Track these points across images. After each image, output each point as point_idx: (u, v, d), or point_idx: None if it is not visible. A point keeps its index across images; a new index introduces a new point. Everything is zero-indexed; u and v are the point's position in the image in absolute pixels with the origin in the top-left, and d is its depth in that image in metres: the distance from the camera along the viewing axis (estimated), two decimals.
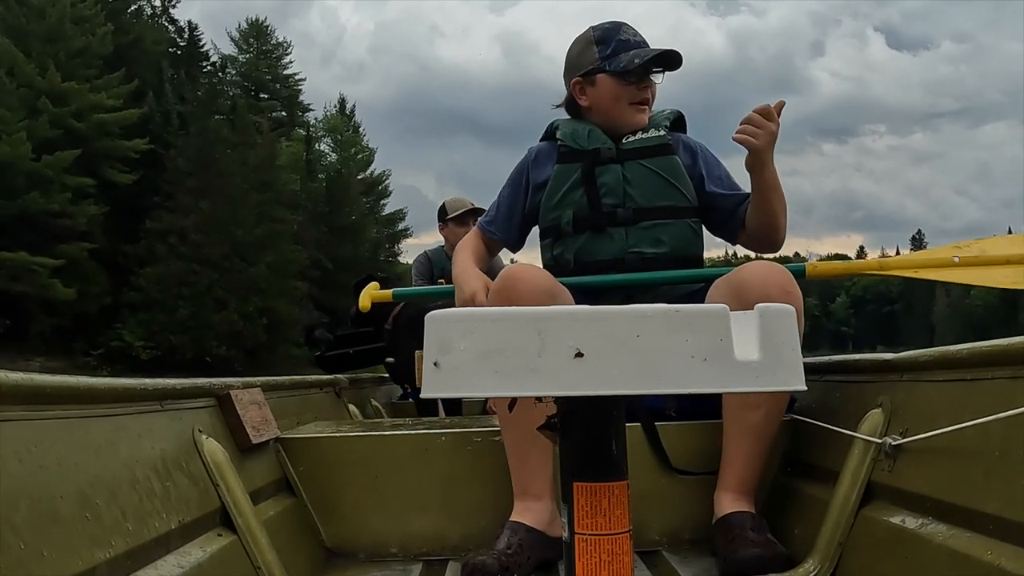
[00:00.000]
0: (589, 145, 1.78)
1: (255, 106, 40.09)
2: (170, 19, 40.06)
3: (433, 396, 0.59)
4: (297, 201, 36.09)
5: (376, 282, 2.36)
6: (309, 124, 45.64)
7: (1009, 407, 0.88)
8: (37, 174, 25.95)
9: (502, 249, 2.00)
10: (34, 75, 27.19)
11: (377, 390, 3.39)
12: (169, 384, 1.20)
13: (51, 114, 27.09)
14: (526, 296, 1.45)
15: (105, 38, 30.29)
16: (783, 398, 1.45)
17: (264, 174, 33.08)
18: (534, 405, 0.68)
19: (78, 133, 27.91)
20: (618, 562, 0.64)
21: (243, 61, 44.59)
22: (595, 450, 0.66)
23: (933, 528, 1.00)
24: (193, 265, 29.31)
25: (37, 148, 25.91)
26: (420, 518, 1.56)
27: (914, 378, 1.18)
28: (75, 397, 0.92)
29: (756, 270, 1.43)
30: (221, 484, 1.22)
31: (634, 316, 0.59)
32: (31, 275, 25.31)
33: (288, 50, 46.35)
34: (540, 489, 1.45)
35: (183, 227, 29.54)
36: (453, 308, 0.63)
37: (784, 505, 1.49)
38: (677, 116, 1.87)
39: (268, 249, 31.27)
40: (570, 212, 1.76)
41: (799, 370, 0.60)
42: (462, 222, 3.62)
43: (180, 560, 1.02)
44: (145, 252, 29.63)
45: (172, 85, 34.27)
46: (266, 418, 1.53)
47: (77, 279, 26.69)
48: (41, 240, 25.99)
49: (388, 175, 47.64)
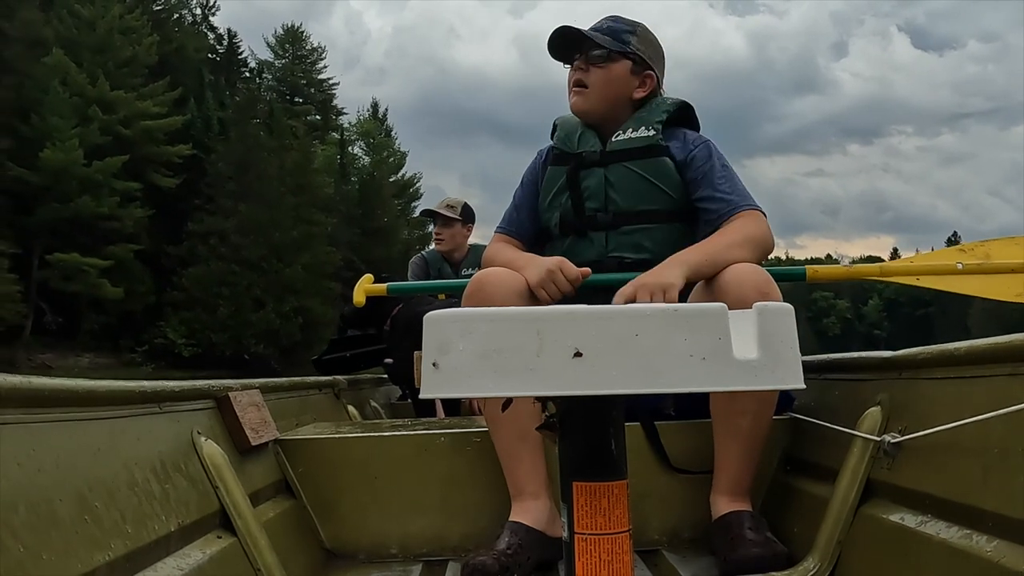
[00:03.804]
0: (577, 147, 1.75)
1: (290, 110, 41.61)
2: (210, 26, 41.97)
3: (432, 396, 0.59)
4: (331, 204, 37.35)
5: (370, 275, 2.33)
6: (342, 128, 46.78)
7: (1008, 404, 0.88)
8: (88, 179, 27.52)
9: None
10: (85, 84, 28.80)
11: (376, 391, 3.38)
12: (168, 386, 1.20)
13: (101, 121, 28.71)
14: (497, 298, 1.44)
15: (151, 47, 32.05)
16: (771, 400, 1.43)
17: (300, 177, 34.32)
18: (534, 404, 0.68)
19: (125, 139, 29.59)
20: (618, 561, 0.64)
21: (279, 66, 45.91)
22: (594, 450, 0.66)
23: (932, 526, 1.00)
24: (233, 266, 30.56)
25: (88, 154, 27.47)
26: (420, 519, 1.56)
27: (913, 376, 1.18)
28: (74, 400, 0.92)
29: (734, 272, 1.41)
30: (220, 486, 1.22)
31: (633, 315, 0.59)
32: (82, 275, 26.89)
33: (322, 55, 47.66)
34: (536, 488, 1.45)
35: (223, 229, 30.81)
36: (452, 308, 0.63)
37: (783, 503, 1.49)
38: (677, 109, 1.74)
39: (304, 250, 32.45)
40: (557, 215, 1.74)
41: (798, 368, 0.60)
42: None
43: (179, 562, 1.02)
44: (187, 253, 30.92)
45: (212, 91, 35.70)
46: (265, 420, 1.53)
47: (124, 279, 28.25)
48: (91, 242, 27.57)
49: (419, 178, 48.96)
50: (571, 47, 1.76)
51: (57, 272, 26.72)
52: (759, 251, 1.53)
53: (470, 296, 1.48)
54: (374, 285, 2.25)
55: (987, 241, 1.98)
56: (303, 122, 41.34)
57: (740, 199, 1.63)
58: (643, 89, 1.76)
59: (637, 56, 1.74)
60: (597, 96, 1.73)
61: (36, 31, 27.68)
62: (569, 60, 1.78)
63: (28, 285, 26.12)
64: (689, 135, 1.73)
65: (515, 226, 1.82)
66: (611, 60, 1.72)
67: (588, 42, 1.73)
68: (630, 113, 1.76)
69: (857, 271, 2.06)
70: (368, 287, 2.23)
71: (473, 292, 1.48)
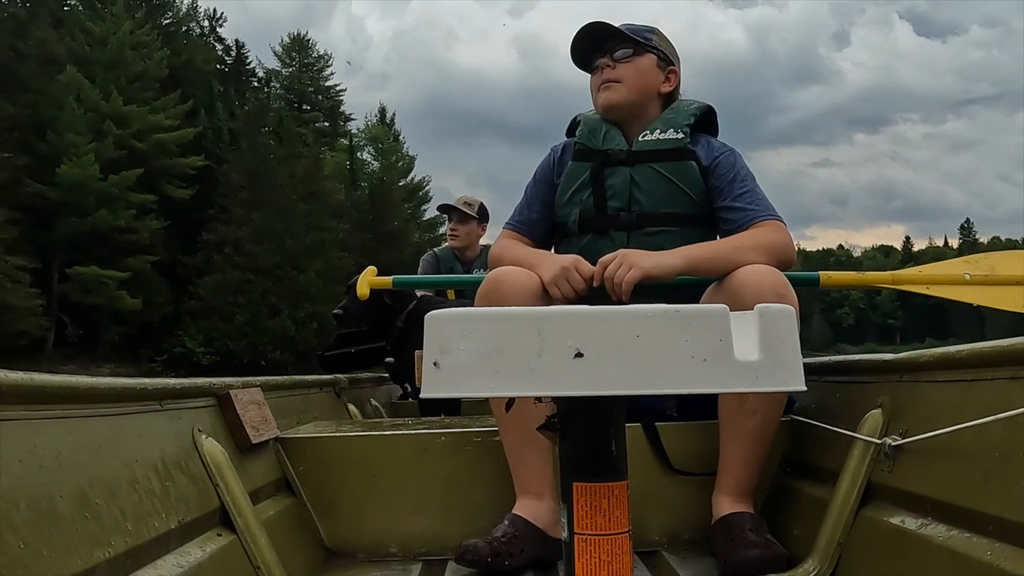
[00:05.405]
0: (602, 145, 1.73)
1: (299, 118, 42.05)
2: (217, 38, 42.45)
3: (433, 396, 0.59)
4: (342, 210, 37.85)
5: (373, 267, 2.31)
6: (351, 134, 47.21)
7: (1008, 407, 0.88)
8: (104, 193, 28.15)
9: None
10: (99, 100, 29.39)
11: (377, 390, 3.38)
12: (169, 384, 1.20)
13: (115, 136, 29.31)
14: (511, 299, 1.44)
15: (161, 61, 32.63)
16: (779, 402, 1.44)
17: (311, 184, 34.78)
18: (534, 405, 0.68)
19: (139, 153, 30.15)
20: (618, 562, 0.64)
21: (286, 75, 46.21)
22: (595, 450, 0.66)
23: (933, 529, 1.00)
24: (247, 274, 31.06)
25: (103, 168, 28.09)
26: (420, 518, 1.56)
27: (914, 379, 1.18)
28: (75, 397, 0.92)
29: (750, 274, 1.40)
30: (221, 484, 1.22)
31: (634, 316, 0.59)
32: (101, 287, 27.53)
33: (329, 62, 47.89)
34: (540, 489, 1.45)
35: (237, 238, 31.28)
36: (456, 308, 0.63)
37: (784, 505, 1.49)
38: (703, 113, 1.75)
39: (317, 257, 32.85)
40: (577, 211, 1.71)
41: (799, 370, 0.60)
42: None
43: (180, 560, 1.02)
44: (203, 263, 31.39)
45: (222, 102, 36.27)
46: (266, 418, 1.53)
47: (142, 290, 28.88)
48: (109, 254, 28.20)
49: (428, 181, 48.99)
50: (592, 50, 1.77)
51: (77, 285, 27.29)
52: (775, 258, 1.51)
53: (484, 296, 1.47)
54: (378, 278, 2.23)
55: (992, 254, 2.04)
56: (312, 129, 41.80)
57: (760, 209, 1.62)
58: (669, 84, 1.78)
59: (660, 51, 1.77)
60: (629, 89, 1.73)
61: (49, 49, 28.19)
62: (588, 67, 1.79)
63: (49, 299, 26.62)
64: (714, 142, 1.73)
65: (525, 223, 1.80)
66: (637, 55, 1.74)
67: (612, 41, 1.74)
68: (657, 110, 1.77)
69: (870, 278, 2.10)
70: (372, 280, 2.20)
71: (488, 292, 1.47)
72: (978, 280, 1.91)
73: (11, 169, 25.72)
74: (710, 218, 1.69)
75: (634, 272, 1.43)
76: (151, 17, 34.83)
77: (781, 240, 1.57)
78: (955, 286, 1.93)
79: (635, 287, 1.44)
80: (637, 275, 1.43)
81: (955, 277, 1.94)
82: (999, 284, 1.91)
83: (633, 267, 1.44)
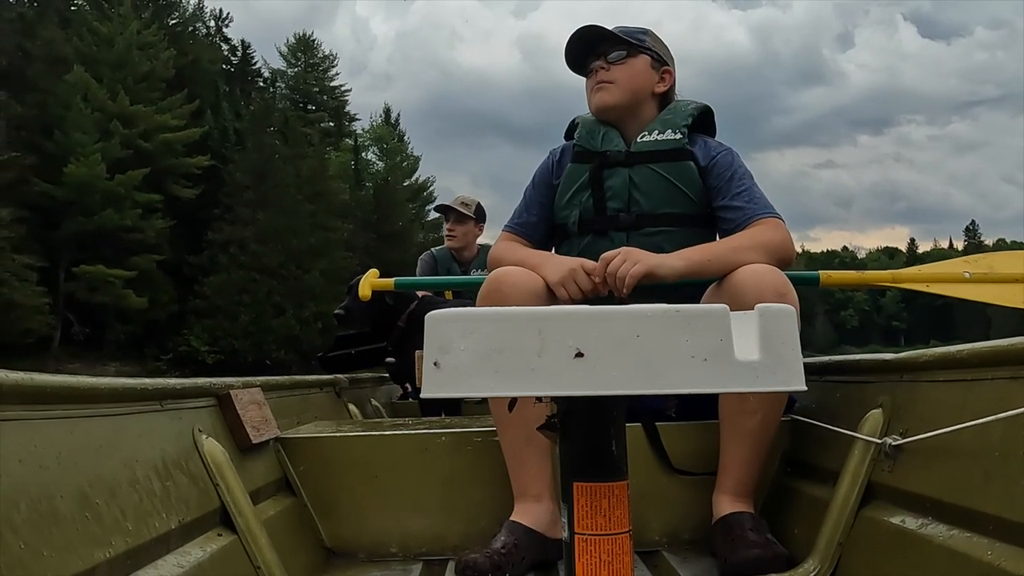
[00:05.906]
0: (601, 146, 1.74)
1: (304, 118, 41.94)
2: (223, 38, 42.32)
3: (433, 396, 0.59)
4: (347, 210, 37.78)
5: (376, 270, 2.32)
6: (356, 134, 47.19)
7: (1009, 407, 0.88)
8: (111, 192, 28.17)
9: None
10: (105, 100, 29.37)
11: (377, 390, 3.39)
12: (169, 384, 1.20)
13: (122, 136, 29.28)
14: (512, 299, 1.44)
15: (168, 61, 32.60)
16: (780, 402, 1.44)
17: (316, 184, 34.72)
18: (534, 405, 0.68)
19: (146, 152, 30.16)
20: (618, 562, 0.64)
21: (291, 75, 46.13)
22: (595, 450, 0.66)
23: (933, 528, 1.00)
24: (253, 273, 30.99)
25: (110, 168, 28.09)
26: (420, 518, 1.56)
27: (914, 378, 1.18)
28: (75, 397, 0.92)
29: (750, 273, 1.41)
30: (221, 484, 1.22)
31: (634, 316, 0.59)
32: (107, 286, 27.58)
33: (334, 62, 47.81)
34: (540, 490, 1.45)
35: (243, 238, 31.23)
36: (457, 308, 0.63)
37: (784, 505, 1.49)
38: (701, 113, 1.76)
39: (321, 256, 32.82)
40: (576, 213, 1.72)
41: (799, 370, 0.60)
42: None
43: (180, 560, 1.02)
44: (208, 262, 31.35)
45: (228, 102, 36.26)
46: (266, 418, 1.53)
47: (148, 289, 28.83)
48: (115, 254, 28.23)
49: (432, 181, 48.91)
50: (587, 53, 1.77)
51: (83, 284, 27.34)
52: (774, 257, 1.51)
53: (486, 296, 1.47)
54: (380, 280, 2.24)
55: (990, 254, 2.05)
56: (317, 129, 41.72)
57: (759, 207, 1.63)
58: (663, 84, 1.78)
59: (654, 52, 1.78)
60: (622, 90, 1.74)
61: (57, 49, 28.26)
62: (583, 70, 1.79)
63: (56, 297, 26.69)
64: (711, 142, 1.74)
65: (524, 225, 1.80)
66: (631, 56, 1.75)
67: (605, 44, 1.75)
68: (652, 110, 1.77)
69: (871, 277, 2.11)
70: (374, 281, 2.23)
71: (489, 292, 1.47)
72: (978, 278, 1.94)
73: (19, 168, 25.76)
74: (709, 218, 1.69)
75: (639, 267, 1.44)
76: (158, 17, 34.87)
77: (780, 238, 1.58)
78: (955, 284, 1.95)
79: (635, 287, 1.45)
80: (642, 270, 1.44)
81: (955, 275, 1.97)
82: (999, 281, 1.93)
83: (638, 262, 1.45)
